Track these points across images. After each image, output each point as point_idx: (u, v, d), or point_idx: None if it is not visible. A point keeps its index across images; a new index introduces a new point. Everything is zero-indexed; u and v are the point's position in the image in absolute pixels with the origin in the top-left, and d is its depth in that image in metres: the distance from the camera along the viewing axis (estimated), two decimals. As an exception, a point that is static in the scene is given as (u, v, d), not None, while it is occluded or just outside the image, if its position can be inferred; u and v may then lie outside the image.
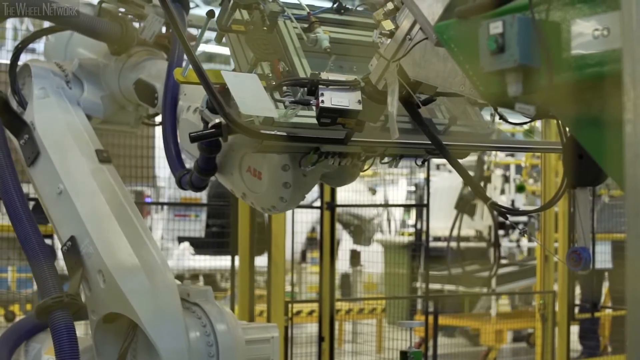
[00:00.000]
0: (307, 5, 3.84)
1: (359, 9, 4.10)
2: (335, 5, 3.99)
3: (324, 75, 3.25)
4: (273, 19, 3.62)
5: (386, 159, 3.81)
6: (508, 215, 3.38)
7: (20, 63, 4.80)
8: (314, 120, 3.27)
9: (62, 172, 4.32)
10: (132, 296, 3.94)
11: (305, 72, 3.57)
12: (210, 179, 4.08)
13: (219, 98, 3.16)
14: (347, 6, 3.99)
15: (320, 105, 3.18)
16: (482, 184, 12.91)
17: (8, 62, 4.84)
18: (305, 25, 3.76)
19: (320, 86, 3.20)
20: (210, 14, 3.52)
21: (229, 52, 3.73)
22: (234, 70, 3.63)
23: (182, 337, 3.90)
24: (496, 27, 2.28)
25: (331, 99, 3.19)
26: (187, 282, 4.14)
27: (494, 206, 3.20)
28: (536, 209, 3.76)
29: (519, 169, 14.78)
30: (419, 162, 3.93)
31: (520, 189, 12.75)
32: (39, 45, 5.61)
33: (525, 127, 10.72)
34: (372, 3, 4.03)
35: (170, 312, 3.94)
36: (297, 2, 3.87)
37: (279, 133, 3.31)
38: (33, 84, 4.59)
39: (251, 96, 3.22)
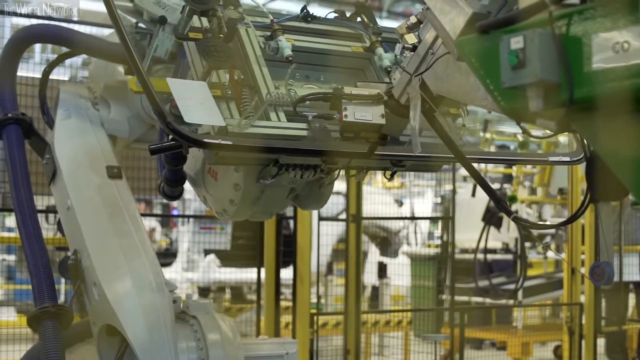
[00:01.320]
0: (272, 13, 3.76)
1: (328, 17, 4.03)
2: (302, 14, 3.92)
3: (347, 90, 3.25)
4: (232, 26, 3.51)
5: (351, 172, 3.76)
6: (532, 229, 3.38)
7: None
8: (273, 131, 3.27)
9: (70, 189, 4.38)
10: (120, 312, 3.94)
11: (265, 81, 3.49)
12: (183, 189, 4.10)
13: (160, 106, 3.09)
14: (314, 14, 3.93)
15: (344, 119, 3.18)
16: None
17: (33, 74, 4.94)
18: (269, 34, 3.67)
19: (343, 100, 3.21)
20: (162, 20, 3.49)
21: (188, 60, 3.65)
22: (191, 79, 3.57)
23: (168, 356, 3.87)
24: (517, 42, 2.28)
25: (354, 113, 3.19)
26: (189, 294, 4.12)
27: (517, 220, 3.19)
28: (559, 224, 3.74)
29: (509, 178, 14.68)
30: (388, 175, 3.82)
31: (511, 199, 12.67)
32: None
33: (520, 138, 10.71)
34: (342, 11, 4.02)
35: (158, 331, 3.89)
36: (262, 10, 3.81)
37: (224, 142, 3.21)
38: (58, 106, 4.70)
39: (197, 104, 3.15)
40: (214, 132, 3.28)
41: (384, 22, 24.62)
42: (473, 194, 12.81)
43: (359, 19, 4.06)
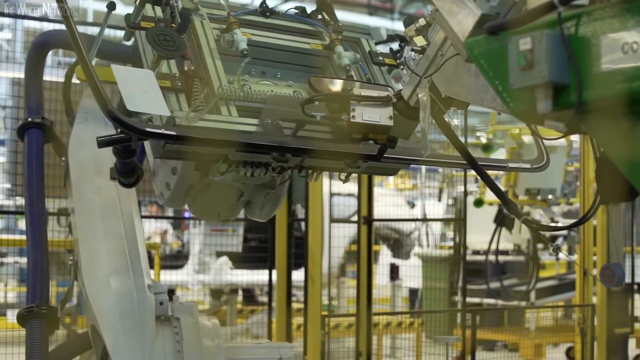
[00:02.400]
0: (229, 6, 3.68)
1: (289, 13, 3.93)
2: (260, 8, 3.82)
3: (357, 91, 3.24)
4: (185, 16, 3.42)
5: (304, 173, 3.63)
6: (542, 231, 3.37)
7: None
8: (223, 126, 3.21)
9: (74, 190, 4.41)
10: (98, 314, 3.96)
11: (218, 75, 3.42)
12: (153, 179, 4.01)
13: (101, 94, 2.97)
14: (273, 9, 3.83)
15: (352, 120, 3.17)
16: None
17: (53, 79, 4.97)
18: (224, 26, 3.58)
19: (352, 101, 3.20)
20: (111, 6, 3.40)
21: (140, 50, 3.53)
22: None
23: (140, 358, 3.87)
24: (525, 43, 2.28)
25: (362, 114, 3.17)
26: (176, 297, 4.11)
27: (527, 222, 3.18)
28: (569, 225, 3.71)
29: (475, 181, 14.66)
30: (343, 177, 3.70)
31: (477, 203, 12.66)
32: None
33: (483, 141, 10.67)
34: (303, 8, 3.96)
35: (133, 334, 3.90)
36: (219, 2, 3.70)
37: (167, 132, 3.10)
38: (78, 109, 4.72)
39: (142, 93, 3.05)
40: (162, 124, 3.19)
41: (396, 24, 24.65)
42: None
43: (320, 17, 3.98)
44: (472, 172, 11.73)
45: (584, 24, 2.23)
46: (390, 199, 14.15)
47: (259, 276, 12.72)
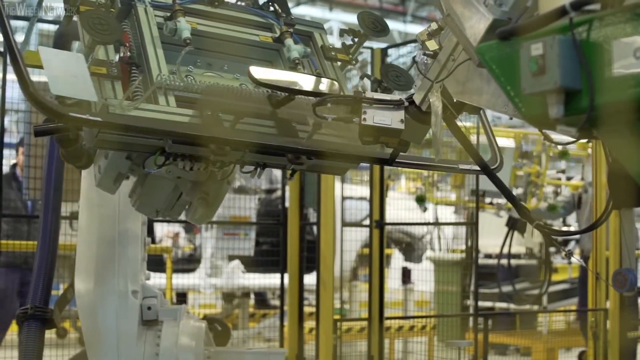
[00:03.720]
0: None
1: (240, 3, 3.81)
2: None
3: (369, 94, 3.23)
4: (125, 1, 3.32)
5: (246, 168, 3.46)
6: (554, 235, 3.36)
7: None
8: (160, 116, 3.08)
9: (81, 196, 4.42)
10: (81, 316, 4.09)
11: (159, 63, 3.27)
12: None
13: (24, 75, 2.81)
14: None
15: (362, 123, 3.16)
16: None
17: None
18: (169, 14, 3.41)
19: (363, 104, 3.19)
20: None
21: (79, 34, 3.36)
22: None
23: None
24: (537, 49, 2.28)
25: (373, 117, 3.16)
26: (165, 300, 4.14)
27: (539, 226, 3.18)
28: (581, 230, 3.69)
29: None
30: (288, 175, 3.60)
31: (419, 200, 12.65)
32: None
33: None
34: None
35: (111, 337, 4.00)
36: None
37: (91, 118, 2.92)
38: None
39: (69, 77, 2.91)
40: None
41: (408, 27, 24.59)
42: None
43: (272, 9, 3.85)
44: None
45: (595, 29, 2.23)
46: (401, 202, 14.12)
47: (271, 280, 12.72)
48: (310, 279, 10.07)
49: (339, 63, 3.73)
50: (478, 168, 3.43)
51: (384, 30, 3.67)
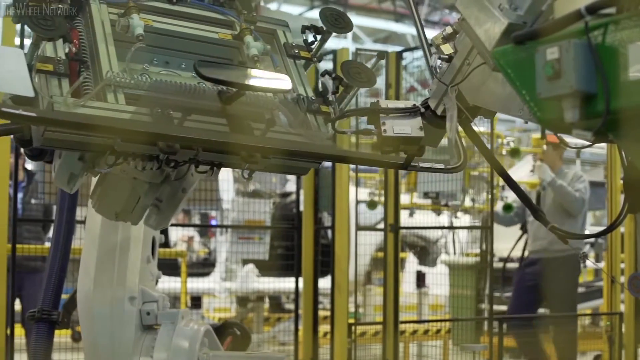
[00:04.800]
0: None
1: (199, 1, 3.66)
2: None
3: (383, 104, 3.21)
4: None
5: (201, 168, 3.35)
6: (569, 238, 3.35)
7: None
8: (107, 113, 2.97)
9: (90, 200, 4.43)
10: (81, 321, 4.13)
11: (110, 61, 3.17)
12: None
13: None
14: None
15: (383, 134, 3.15)
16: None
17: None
18: (122, 11, 3.31)
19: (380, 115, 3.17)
20: None
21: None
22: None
23: None
24: (552, 53, 2.28)
25: (393, 127, 3.15)
26: (166, 304, 4.14)
27: (553, 229, 3.18)
28: (596, 234, 3.66)
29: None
30: (246, 175, 3.44)
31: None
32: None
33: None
34: None
35: (108, 341, 4.02)
36: None
37: (25, 114, 2.81)
38: None
39: (6, 72, 2.83)
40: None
41: (422, 31, 24.76)
42: None
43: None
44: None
45: (611, 33, 2.24)
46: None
47: (286, 284, 12.73)
48: (324, 283, 10.07)
49: (303, 62, 3.61)
50: (441, 166, 3.39)
51: (346, 27, 3.55)
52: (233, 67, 3.35)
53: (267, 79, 3.21)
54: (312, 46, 3.62)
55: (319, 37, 3.57)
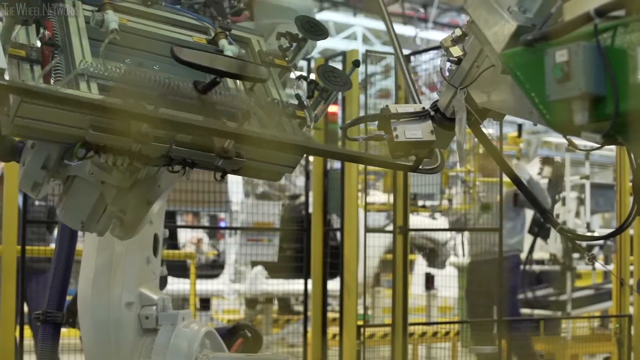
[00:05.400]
0: None
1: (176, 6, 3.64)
2: None
3: (392, 109, 3.20)
4: None
5: (174, 167, 3.21)
6: (577, 240, 3.35)
7: None
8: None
9: None
10: (80, 323, 4.12)
11: (83, 53, 3.12)
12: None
13: None
14: None
15: (395, 140, 3.15)
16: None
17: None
18: (97, 8, 3.26)
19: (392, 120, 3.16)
20: None
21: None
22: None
23: None
24: (562, 55, 2.28)
25: (404, 132, 3.15)
26: (168, 305, 4.11)
27: (562, 231, 3.18)
28: (605, 235, 3.65)
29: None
30: (218, 177, 3.28)
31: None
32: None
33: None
34: (191, 3, 3.71)
35: (106, 344, 4.01)
36: None
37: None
38: None
39: None
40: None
41: (430, 33, 24.59)
42: None
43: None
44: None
45: (620, 36, 2.24)
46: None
47: (295, 285, 12.74)
48: (333, 285, 10.08)
49: (279, 70, 3.57)
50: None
51: (322, 34, 3.52)
52: (210, 54, 3.28)
53: (244, 67, 3.17)
54: (288, 53, 3.58)
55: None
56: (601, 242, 14.88)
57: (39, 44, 3.10)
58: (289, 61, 3.57)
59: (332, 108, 9.54)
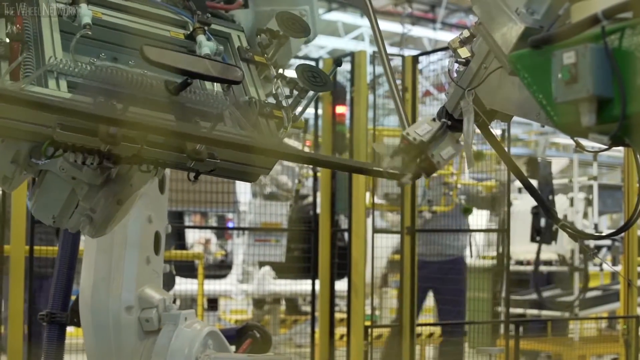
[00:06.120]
0: None
1: None
2: None
3: (412, 133, 3.15)
4: None
5: (145, 167, 3.12)
6: (582, 239, 3.35)
7: None
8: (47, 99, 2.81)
9: None
10: (82, 324, 4.12)
11: (54, 49, 3.03)
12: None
13: None
14: None
15: (437, 167, 3.16)
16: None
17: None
18: (70, 1, 3.16)
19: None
20: None
21: None
22: None
23: None
24: (569, 57, 2.29)
25: (441, 155, 3.13)
26: (169, 306, 4.09)
27: (565, 228, 3.18)
28: (609, 234, 3.65)
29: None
30: (192, 177, 3.19)
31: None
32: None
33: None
34: None
35: (106, 345, 4.01)
36: None
37: None
38: None
39: None
40: None
41: (438, 34, 24.59)
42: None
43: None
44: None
45: (627, 38, 2.24)
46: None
47: (302, 286, 12.75)
48: (341, 285, 10.08)
49: (258, 67, 3.48)
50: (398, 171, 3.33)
51: (304, 31, 3.47)
52: (182, 54, 3.19)
53: (217, 68, 3.08)
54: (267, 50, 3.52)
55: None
56: (609, 243, 14.86)
57: (2, 34, 2.99)
58: (269, 59, 3.49)
59: (340, 109, 9.54)
